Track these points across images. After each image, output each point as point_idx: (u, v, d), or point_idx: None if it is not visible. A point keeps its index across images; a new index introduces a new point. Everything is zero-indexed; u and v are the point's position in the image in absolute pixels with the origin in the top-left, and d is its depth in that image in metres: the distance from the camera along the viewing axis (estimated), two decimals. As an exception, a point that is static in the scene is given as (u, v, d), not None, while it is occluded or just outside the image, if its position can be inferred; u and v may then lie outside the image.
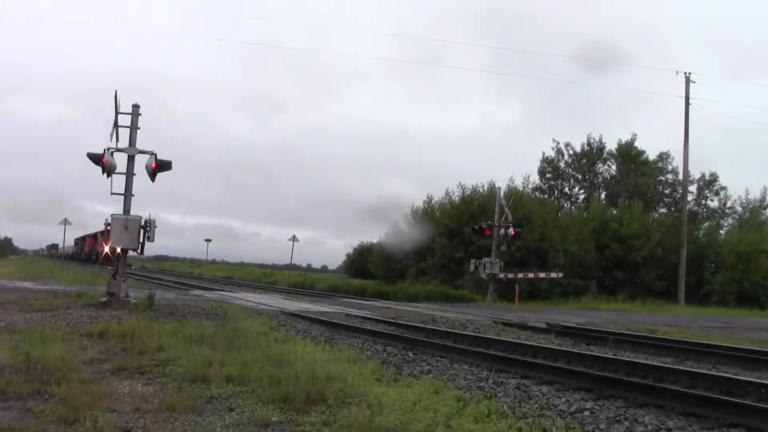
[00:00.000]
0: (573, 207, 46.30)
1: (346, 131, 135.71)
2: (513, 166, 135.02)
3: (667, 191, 46.15)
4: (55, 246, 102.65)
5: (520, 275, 29.35)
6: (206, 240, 67.00)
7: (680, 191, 40.90)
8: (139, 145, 15.07)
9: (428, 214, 40.98)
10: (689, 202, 41.61)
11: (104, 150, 14.47)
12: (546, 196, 44.36)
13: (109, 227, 15.36)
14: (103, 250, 57.73)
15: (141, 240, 15.03)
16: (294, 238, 42.31)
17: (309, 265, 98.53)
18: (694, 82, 36.66)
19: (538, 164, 47.23)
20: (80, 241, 78.94)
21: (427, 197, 43.78)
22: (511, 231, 28.70)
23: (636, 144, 45.31)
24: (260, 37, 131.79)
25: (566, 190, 47.52)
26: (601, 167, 46.88)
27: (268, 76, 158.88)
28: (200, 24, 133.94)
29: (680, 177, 40.65)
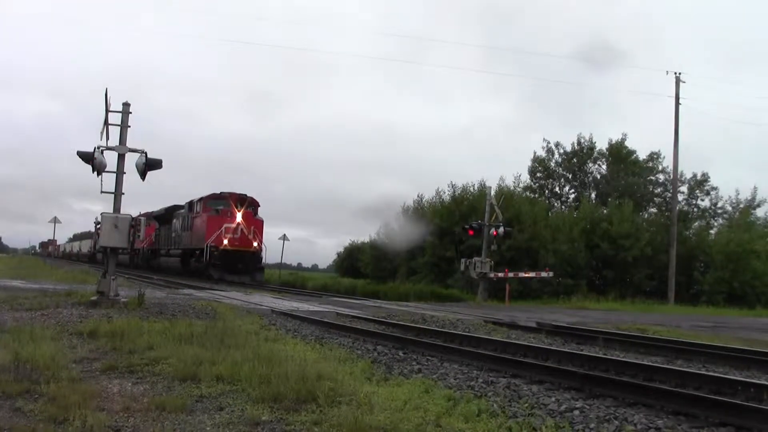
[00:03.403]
0: (563, 206, 46.45)
1: (337, 129, 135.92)
2: (505, 164, 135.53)
3: (657, 191, 46.34)
4: (50, 243, 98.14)
5: (511, 274, 29.40)
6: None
7: (671, 191, 41.08)
8: (128, 144, 15.02)
9: (419, 213, 41.05)
10: (680, 201, 41.81)
11: (94, 148, 14.41)
12: (536, 196, 44.48)
13: (97, 223, 15.27)
14: (221, 242, 32.34)
15: (132, 239, 14.95)
16: (284, 237, 42.24)
17: (299, 264, 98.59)
18: (684, 82, 36.88)
19: (528, 163, 47.44)
20: None
21: (418, 196, 43.91)
22: (501, 230, 28.73)
23: (626, 143, 45.54)
24: (250, 35, 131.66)
25: (556, 189, 47.67)
26: (591, 167, 47.07)
27: (258, 75, 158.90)
28: (188, 21, 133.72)
29: (671, 176, 40.84)
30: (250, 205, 34.90)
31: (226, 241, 32.52)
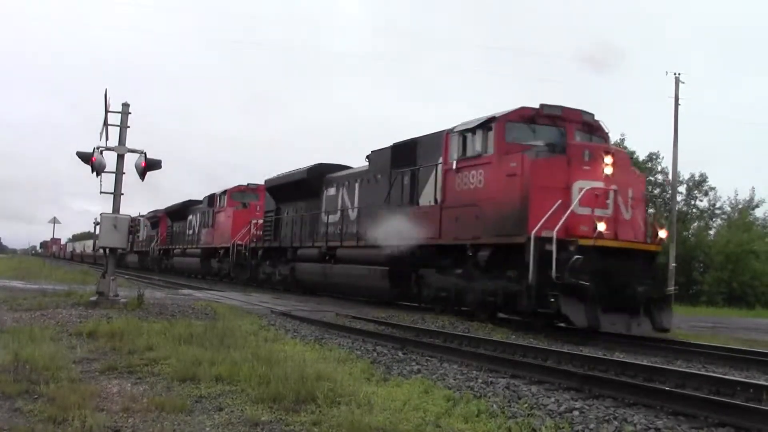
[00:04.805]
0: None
1: (337, 129, 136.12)
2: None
3: (656, 191, 46.33)
4: (54, 242, 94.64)
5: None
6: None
7: (669, 191, 41.07)
8: (128, 144, 15.03)
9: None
10: (678, 202, 41.79)
11: (94, 149, 14.42)
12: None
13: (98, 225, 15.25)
14: (591, 229, 11.99)
15: (130, 238, 14.98)
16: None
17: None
18: (684, 83, 36.77)
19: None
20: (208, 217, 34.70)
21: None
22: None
23: (626, 143, 45.49)
24: (250, 35, 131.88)
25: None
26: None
27: (256, 74, 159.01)
28: (188, 22, 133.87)
29: (670, 177, 40.83)
30: (603, 140, 15.31)
31: (601, 227, 12.97)
